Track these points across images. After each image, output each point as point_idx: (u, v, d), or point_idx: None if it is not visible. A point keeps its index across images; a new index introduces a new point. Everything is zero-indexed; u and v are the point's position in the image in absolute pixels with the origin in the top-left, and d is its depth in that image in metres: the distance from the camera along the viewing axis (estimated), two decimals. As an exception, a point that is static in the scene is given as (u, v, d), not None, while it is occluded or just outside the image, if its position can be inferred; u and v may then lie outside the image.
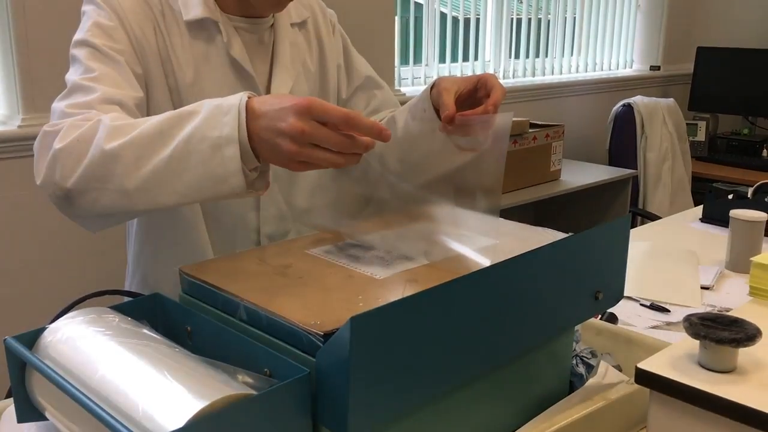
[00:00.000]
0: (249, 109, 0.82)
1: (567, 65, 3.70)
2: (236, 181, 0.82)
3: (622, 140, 3.41)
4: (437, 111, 1.10)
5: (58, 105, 0.99)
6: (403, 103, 1.38)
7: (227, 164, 0.82)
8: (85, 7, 1.08)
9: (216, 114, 0.83)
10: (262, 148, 0.82)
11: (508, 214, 0.94)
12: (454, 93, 1.05)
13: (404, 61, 3.01)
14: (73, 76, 1.02)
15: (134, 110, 1.01)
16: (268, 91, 1.17)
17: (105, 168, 0.87)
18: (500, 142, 0.97)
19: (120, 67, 1.03)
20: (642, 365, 0.75)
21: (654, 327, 1.27)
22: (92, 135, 0.89)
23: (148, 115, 1.08)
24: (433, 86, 1.10)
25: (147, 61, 1.07)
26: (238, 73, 1.13)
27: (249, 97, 0.84)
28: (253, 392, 0.62)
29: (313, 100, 0.79)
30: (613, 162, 3.40)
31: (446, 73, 3.15)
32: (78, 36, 1.05)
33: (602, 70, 3.90)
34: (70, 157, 0.90)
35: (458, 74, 3.18)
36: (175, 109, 1.09)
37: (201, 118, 0.84)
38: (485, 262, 0.81)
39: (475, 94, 1.07)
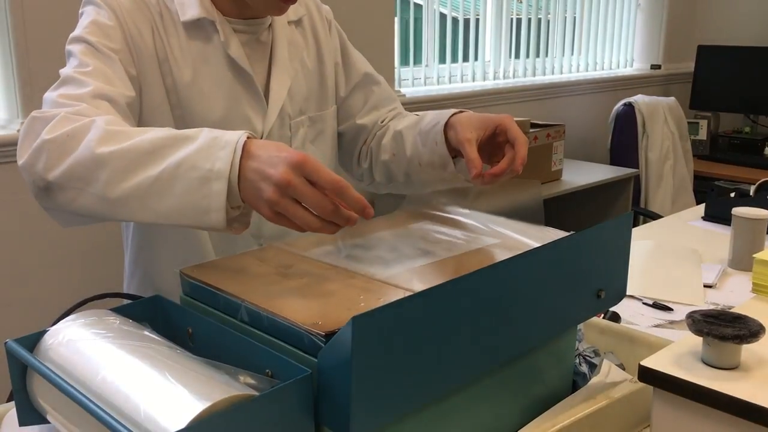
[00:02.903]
0: (245, 149, 0.81)
1: (567, 65, 3.70)
2: (217, 216, 0.81)
3: (624, 139, 3.41)
4: (449, 146, 1.11)
5: (49, 95, 0.99)
6: (404, 104, 1.38)
7: (212, 198, 0.81)
8: (84, 8, 1.09)
9: (212, 146, 0.82)
10: (245, 188, 0.81)
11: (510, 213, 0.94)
12: (475, 142, 1.05)
13: (404, 61, 3.01)
14: (67, 70, 1.02)
15: (125, 108, 1.01)
16: (266, 89, 1.17)
17: (90, 171, 0.86)
18: (539, 215, 0.98)
19: (114, 64, 1.03)
20: (645, 363, 0.75)
21: (657, 325, 1.27)
22: (84, 133, 0.88)
23: (141, 115, 1.09)
24: (447, 124, 1.11)
25: (143, 63, 1.07)
26: (237, 72, 1.13)
27: (248, 137, 0.83)
28: (255, 393, 0.62)
29: (309, 157, 0.78)
30: (614, 161, 3.40)
31: (446, 74, 3.15)
32: (75, 33, 1.05)
33: (603, 69, 3.90)
34: (57, 150, 0.89)
35: (458, 74, 3.19)
36: (172, 109, 1.10)
37: (196, 147, 0.83)
38: (489, 260, 0.81)
39: (494, 138, 1.08)
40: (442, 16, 3.09)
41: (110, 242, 2.01)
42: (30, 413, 0.76)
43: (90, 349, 0.69)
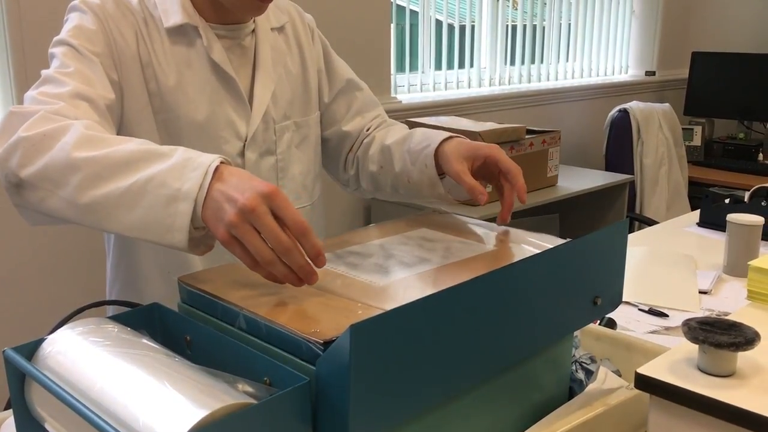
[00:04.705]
0: (216, 173, 0.81)
1: (563, 71, 3.71)
2: (180, 236, 0.81)
3: (619, 145, 3.42)
4: (437, 168, 1.13)
5: (29, 93, 1.00)
6: (400, 110, 1.39)
7: (177, 218, 0.81)
8: (69, 14, 1.10)
9: (185, 166, 0.82)
10: (207, 208, 0.80)
11: (505, 220, 0.94)
12: (468, 171, 1.07)
13: (400, 68, 3.02)
14: (48, 70, 1.03)
15: (104, 110, 1.02)
16: (251, 94, 1.18)
17: (63, 174, 0.87)
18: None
19: (95, 67, 1.04)
20: (641, 370, 0.75)
21: (653, 332, 1.27)
22: (61, 135, 0.89)
23: (123, 120, 1.10)
24: (437, 150, 1.11)
25: (126, 67, 1.08)
26: (220, 76, 1.14)
27: (222, 162, 0.83)
28: (253, 401, 0.62)
29: (279, 191, 0.77)
30: (609, 167, 3.41)
31: (442, 80, 3.16)
32: (58, 36, 1.07)
33: (598, 75, 3.92)
34: (32, 148, 0.89)
35: (454, 81, 3.20)
36: (154, 113, 1.11)
37: (170, 165, 0.83)
38: (486, 268, 0.81)
39: (486, 168, 1.09)
40: (438, 23, 3.10)
41: (100, 248, 2.01)
42: (28, 422, 0.76)
43: (88, 358, 0.69)
